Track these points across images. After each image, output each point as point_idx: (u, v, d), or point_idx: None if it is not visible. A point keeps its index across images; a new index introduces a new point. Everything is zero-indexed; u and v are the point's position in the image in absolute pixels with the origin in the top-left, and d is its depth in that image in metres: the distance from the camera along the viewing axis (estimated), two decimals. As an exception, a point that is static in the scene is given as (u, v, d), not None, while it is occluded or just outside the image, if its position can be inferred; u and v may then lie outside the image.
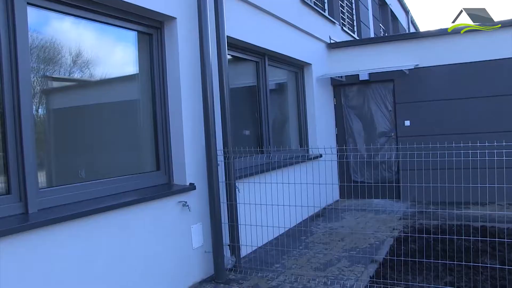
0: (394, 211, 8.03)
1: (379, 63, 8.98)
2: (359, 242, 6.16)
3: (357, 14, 12.70)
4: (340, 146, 9.16)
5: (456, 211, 7.03)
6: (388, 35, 15.95)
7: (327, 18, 9.60)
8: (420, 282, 4.49)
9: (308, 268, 5.20)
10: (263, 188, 5.35)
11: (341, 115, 9.66)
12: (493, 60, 8.31)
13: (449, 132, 8.29)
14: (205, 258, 4.98)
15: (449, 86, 8.63)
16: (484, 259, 5.04)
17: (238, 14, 5.88)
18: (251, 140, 6.76)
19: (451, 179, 4.48)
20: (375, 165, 9.29)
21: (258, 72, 6.96)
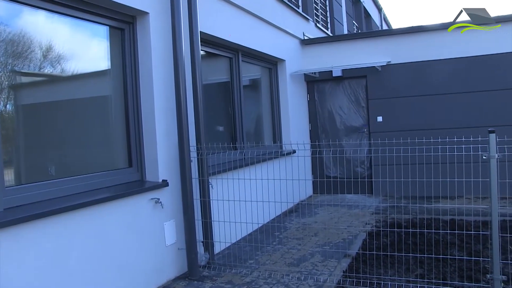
0: (367, 206, 8.13)
1: (352, 60, 9.07)
2: (332, 237, 6.22)
3: (331, 11, 12.79)
4: (313, 142, 9.23)
5: (426, 205, 7.18)
6: (361, 32, 16.10)
7: (301, 14, 9.63)
8: (392, 275, 4.58)
9: (282, 263, 5.23)
10: (237, 184, 5.34)
11: (315, 111, 9.72)
12: (464, 57, 8.48)
13: (420, 127, 8.44)
14: (179, 255, 4.95)
15: (420, 82, 8.78)
16: (453, 251, 5.17)
17: (211, 10, 5.85)
18: (224, 136, 6.75)
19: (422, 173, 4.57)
20: (348, 161, 9.39)
21: (231, 68, 6.94)
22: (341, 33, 13.34)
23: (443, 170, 4.25)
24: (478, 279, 4.37)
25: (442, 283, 4.32)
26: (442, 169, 4.29)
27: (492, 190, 3.83)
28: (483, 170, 4.00)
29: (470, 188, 4.29)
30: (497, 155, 3.80)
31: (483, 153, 3.86)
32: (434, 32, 8.76)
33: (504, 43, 8.25)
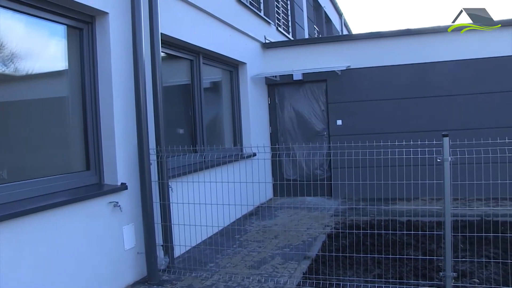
0: (326, 208, 8.25)
1: (312, 64, 9.19)
2: (292, 239, 6.27)
3: (292, 15, 12.91)
4: (273, 145, 9.30)
5: (384, 207, 7.33)
6: (321, 37, 16.34)
7: (263, 18, 9.69)
8: (350, 276, 4.66)
9: (242, 266, 5.23)
10: (197, 187, 5.32)
11: (275, 114, 9.79)
12: (421, 63, 8.76)
13: (378, 131, 8.64)
14: (138, 259, 4.88)
15: (379, 87, 8.99)
16: (409, 251, 5.31)
17: (173, 12, 5.82)
18: (184, 139, 6.70)
19: (380, 176, 4.67)
20: (308, 163, 9.49)
21: (192, 70, 6.91)
22: (302, 37, 13.48)
23: (400, 172, 4.36)
24: (432, 277, 4.52)
25: (398, 282, 4.43)
26: (399, 171, 4.40)
27: (445, 191, 3.97)
28: (437, 173, 4.13)
29: (425, 190, 4.43)
30: (450, 158, 3.94)
31: (437, 156, 3.99)
32: (392, 38, 9.01)
33: (459, 50, 8.57)
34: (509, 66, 8.38)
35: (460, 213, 6.54)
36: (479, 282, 4.38)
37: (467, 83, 8.57)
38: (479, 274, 4.57)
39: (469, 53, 8.53)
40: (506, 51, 8.36)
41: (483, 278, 4.48)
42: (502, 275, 4.51)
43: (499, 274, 4.55)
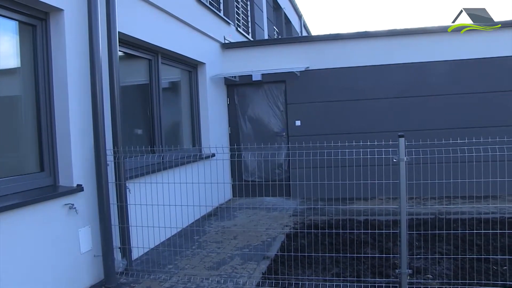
0: (285, 208, 8.30)
1: (272, 65, 9.24)
2: (251, 239, 6.28)
3: (252, 16, 12.95)
4: (233, 145, 9.30)
5: (342, 206, 7.46)
6: (281, 38, 16.45)
7: (222, 18, 9.67)
8: (309, 275, 4.71)
9: (202, 267, 5.20)
10: (155, 188, 5.25)
11: (234, 115, 9.79)
12: (379, 65, 8.98)
13: (337, 132, 8.76)
14: (95, 262, 4.77)
15: (337, 88, 9.14)
16: (366, 250, 5.42)
17: (131, 10, 5.72)
18: (142, 139, 6.61)
19: (338, 176, 4.75)
20: (267, 164, 9.54)
21: (150, 70, 6.81)
22: (261, 38, 13.54)
23: (357, 172, 4.46)
24: (389, 274, 4.61)
25: (356, 280, 4.52)
26: (356, 171, 4.49)
27: (401, 191, 4.07)
28: (394, 172, 4.23)
29: (383, 189, 4.52)
30: (406, 158, 4.04)
31: (393, 156, 4.08)
32: (350, 40, 9.18)
33: (413, 53, 8.84)
34: (464, 70, 8.70)
35: (415, 212, 6.73)
36: (433, 278, 4.54)
37: (422, 85, 8.83)
38: (432, 270, 4.73)
39: (424, 56, 8.80)
40: (458, 55, 8.69)
41: (436, 274, 4.64)
42: (453, 270, 4.70)
43: (450, 269, 4.72)
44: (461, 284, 4.25)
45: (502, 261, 4.83)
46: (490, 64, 8.59)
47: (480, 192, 4.30)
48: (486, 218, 6.26)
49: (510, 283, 4.30)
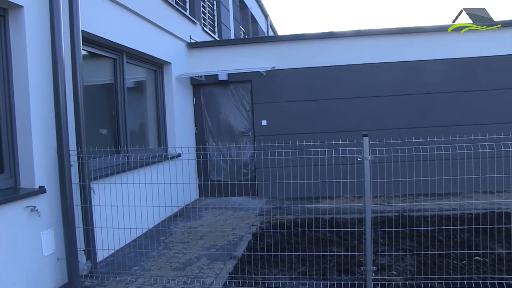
0: (251, 208, 8.32)
1: (238, 64, 9.24)
2: (218, 239, 6.28)
3: (218, 16, 12.91)
4: (199, 145, 9.25)
5: (308, 205, 7.53)
6: (247, 38, 16.48)
7: (188, 17, 9.61)
8: (276, 274, 4.74)
9: (168, 268, 5.16)
10: (120, 189, 5.17)
11: (201, 115, 9.75)
12: (343, 65, 9.11)
13: (303, 131, 8.86)
14: (58, 265, 4.67)
15: (303, 88, 9.22)
16: (332, 248, 5.49)
17: (94, 8, 5.62)
18: (107, 139, 6.50)
19: (305, 175, 4.79)
20: (234, 164, 9.54)
21: (115, 69, 6.71)
22: (228, 37, 13.52)
23: (323, 171, 4.50)
24: (354, 272, 4.71)
25: (322, 278, 4.57)
26: (322, 170, 4.54)
27: (366, 189, 4.15)
28: (359, 171, 4.31)
29: (349, 188, 4.60)
30: (370, 157, 4.12)
31: (358, 155, 4.16)
32: (316, 40, 9.28)
33: (379, 52, 9.02)
34: (428, 71, 8.95)
35: (380, 210, 6.86)
36: (397, 274, 4.64)
37: (386, 85, 9.03)
38: (397, 267, 4.84)
39: (386, 57, 8.99)
40: (422, 56, 8.93)
41: (400, 270, 4.74)
42: (416, 266, 4.82)
43: (414, 265, 4.85)
44: (424, 279, 4.37)
45: (461, 256, 5.00)
46: (451, 65, 8.88)
47: (442, 190, 4.42)
48: (447, 214, 6.47)
49: (468, 275, 4.45)
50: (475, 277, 4.41)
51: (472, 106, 8.84)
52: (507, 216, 6.19)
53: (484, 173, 4.41)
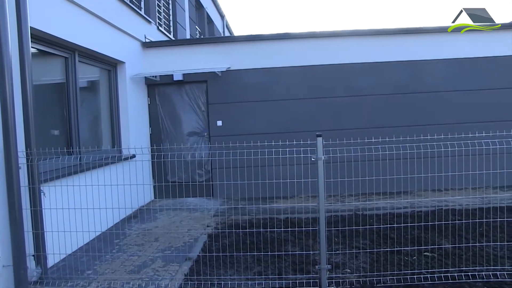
0: (207, 208, 8.29)
1: (193, 64, 9.19)
2: (173, 241, 6.22)
3: (174, 15, 12.78)
4: (154, 146, 9.13)
5: (264, 205, 7.57)
6: (203, 38, 16.39)
7: (143, 16, 9.47)
8: (232, 275, 4.74)
9: (122, 271, 5.07)
10: (72, 191, 5.04)
11: (156, 115, 9.62)
12: (300, 66, 9.21)
13: (258, 132, 8.89)
14: (5, 273, 4.49)
15: (259, 88, 9.26)
16: (287, 248, 5.54)
17: (44, 5, 5.44)
18: (59, 140, 6.31)
19: (261, 176, 4.82)
20: (189, 164, 9.47)
21: (67, 68, 6.53)
22: (183, 37, 13.41)
23: (279, 172, 4.54)
24: (309, 271, 4.77)
25: (278, 277, 4.61)
26: (278, 171, 4.58)
27: (320, 189, 4.21)
28: (313, 171, 4.36)
29: (304, 188, 4.66)
30: (324, 157, 4.18)
31: (312, 155, 4.21)
32: (272, 41, 9.34)
33: (335, 54, 9.18)
34: (383, 72, 9.20)
35: (334, 209, 6.97)
36: (351, 272, 4.73)
37: (341, 86, 9.20)
38: (350, 265, 4.94)
39: (343, 58, 9.19)
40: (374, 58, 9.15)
41: (354, 268, 4.84)
42: (369, 263, 4.95)
43: (367, 262, 4.97)
44: (376, 276, 4.49)
45: (412, 252, 5.17)
46: (406, 67, 9.18)
47: (393, 189, 4.55)
48: (399, 212, 6.65)
49: (418, 270, 4.60)
50: (424, 271, 4.58)
51: (425, 107, 9.14)
52: (453, 212, 6.50)
53: (432, 172, 4.57)
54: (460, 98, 9.14)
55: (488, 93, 9.14)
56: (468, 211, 6.53)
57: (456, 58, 9.13)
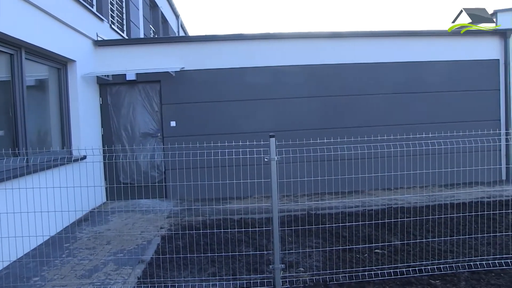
0: (161, 210, 8.18)
1: (146, 64, 9.04)
2: (126, 244, 6.10)
3: (127, 13, 12.55)
4: (106, 147, 8.92)
5: (218, 206, 7.53)
6: (157, 37, 16.16)
7: (95, 14, 9.24)
8: (186, 277, 4.71)
9: (72, 277, 4.92)
10: (18, 194, 4.85)
11: (108, 115, 9.39)
12: (252, 67, 9.24)
13: (212, 132, 8.85)
14: None
15: (212, 89, 9.21)
16: (242, 248, 5.54)
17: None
18: (4, 141, 6.06)
19: (215, 176, 4.78)
20: (142, 166, 9.31)
21: (12, 66, 6.27)
22: (137, 36, 13.20)
23: (233, 172, 4.53)
24: (263, 271, 4.79)
25: (232, 278, 4.60)
26: (232, 171, 4.57)
27: (273, 189, 4.22)
28: (267, 172, 4.38)
29: (259, 188, 4.67)
30: (277, 157, 4.20)
31: (265, 156, 4.22)
32: (226, 42, 9.32)
33: (283, 56, 9.25)
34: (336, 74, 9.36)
35: (287, 209, 7.02)
36: (304, 271, 4.78)
37: (296, 87, 9.28)
38: (304, 263, 5.00)
39: (296, 59, 9.28)
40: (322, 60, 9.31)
41: (307, 267, 4.90)
42: (322, 261, 5.03)
43: (320, 261, 5.04)
44: (329, 274, 4.57)
45: (363, 250, 5.29)
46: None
47: (345, 188, 4.63)
48: (351, 211, 6.78)
49: (369, 267, 4.72)
50: (374, 268, 4.70)
51: (377, 108, 9.37)
52: (402, 210, 6.70)
53: (383, 171, 4.68)
54: (407, 100, 9.45)
55: (439, 96, 9.50)
56: (416, 208, 6.75)
57: (411, 62, 9.48)
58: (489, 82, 9.70)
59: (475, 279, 4.47)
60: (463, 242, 5.36)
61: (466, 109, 9.57)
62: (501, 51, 9.64)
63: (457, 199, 7.48)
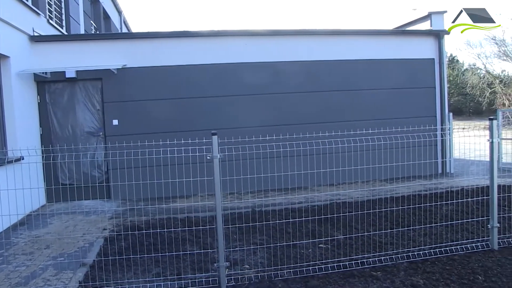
0: (104, 211, 7.98)
1: (87, 61, 8.78)
2: (67, 247, 5.90)
3: (66, 8, 12.09)
4: (45, 147, 8.58)
5: (162, 205, 7.44)
6: (98, 33, 15.70)
7: (30, 8, 8.83)
8: (129, 278, 4.63)
9: (7, 285, 4.69)
10: None
11: (46, 114, 9.03)
12: (194, 64, 9.17)
13: (155, 131, 8.72)
14: None
15: (156, 86, 9.08)
16: (186, 247, 5.50)
17: None
18: None
19: (159, 175, 4.71)
20: (84, 166, 9.04)
21: None
22: (77, 32, 12.76)
23: (178, 171, 4.47)
24: (208, 269, 4.77)
25: (177, 278, 4.57)
26: (176, 170, 4.51)
27: (216, 187, 4.21)
28: (209, 170, 4.36)
29: (202, 186, 4.63)
30: (219, 155, 4.19)
31: (207, 154, 4.20)
32: (169, 39, 9.21)
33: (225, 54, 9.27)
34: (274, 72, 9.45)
35: (231, 206, 7.03)
36: (249, 268, 4.81)
37: (240, 85, 9.31)
38: (249, 261, 5.03)
39: (243, 57, 9.33)
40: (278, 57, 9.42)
41: (252, 264, 4.93)
42: (267, 258, 5.08)
43: (265, 258, 5.09)
44: (274, 270, 4.63)
45: (307, 245, 5.40)
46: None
47: (288, 185, 4.68)
48: (295, 207, 6.87)
49: (313, 262, 4.81)
50: (318, 263, 4.81)
51: (320, 105, 9.56)
52: (345, 205, 6.88)
53: (326, 167, 4.76)
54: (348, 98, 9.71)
55: (379, 93, 9.81)
56: (358, 203, 6.94)
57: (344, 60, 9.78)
58: (425, 80, 10.14)
59: (412, 268, 4.69)
60: (402, 234, 5.58)
61: (405, 106, 9.96)
62: (436, 51, 10.13)
63: (397, 193, 7.77)
